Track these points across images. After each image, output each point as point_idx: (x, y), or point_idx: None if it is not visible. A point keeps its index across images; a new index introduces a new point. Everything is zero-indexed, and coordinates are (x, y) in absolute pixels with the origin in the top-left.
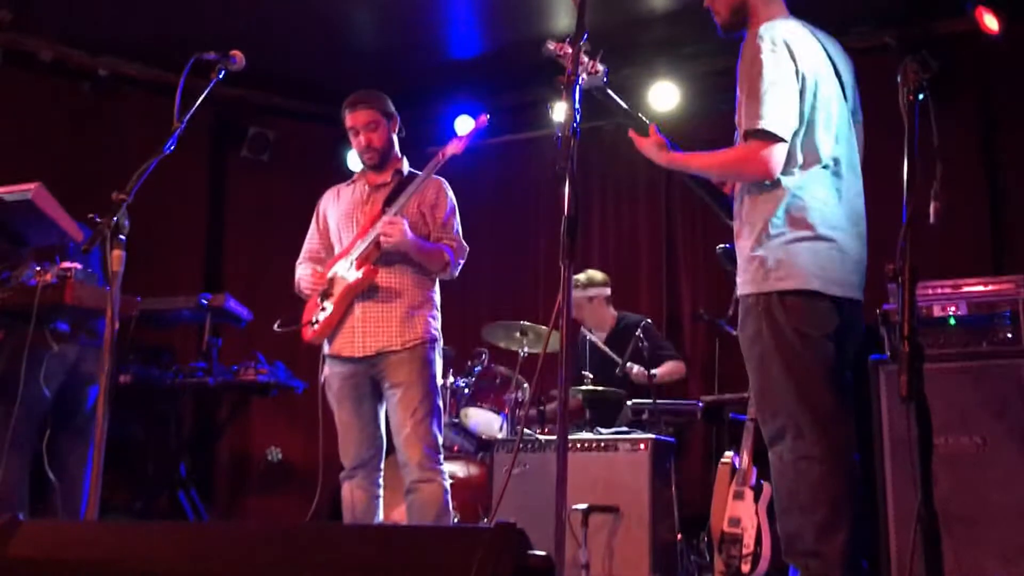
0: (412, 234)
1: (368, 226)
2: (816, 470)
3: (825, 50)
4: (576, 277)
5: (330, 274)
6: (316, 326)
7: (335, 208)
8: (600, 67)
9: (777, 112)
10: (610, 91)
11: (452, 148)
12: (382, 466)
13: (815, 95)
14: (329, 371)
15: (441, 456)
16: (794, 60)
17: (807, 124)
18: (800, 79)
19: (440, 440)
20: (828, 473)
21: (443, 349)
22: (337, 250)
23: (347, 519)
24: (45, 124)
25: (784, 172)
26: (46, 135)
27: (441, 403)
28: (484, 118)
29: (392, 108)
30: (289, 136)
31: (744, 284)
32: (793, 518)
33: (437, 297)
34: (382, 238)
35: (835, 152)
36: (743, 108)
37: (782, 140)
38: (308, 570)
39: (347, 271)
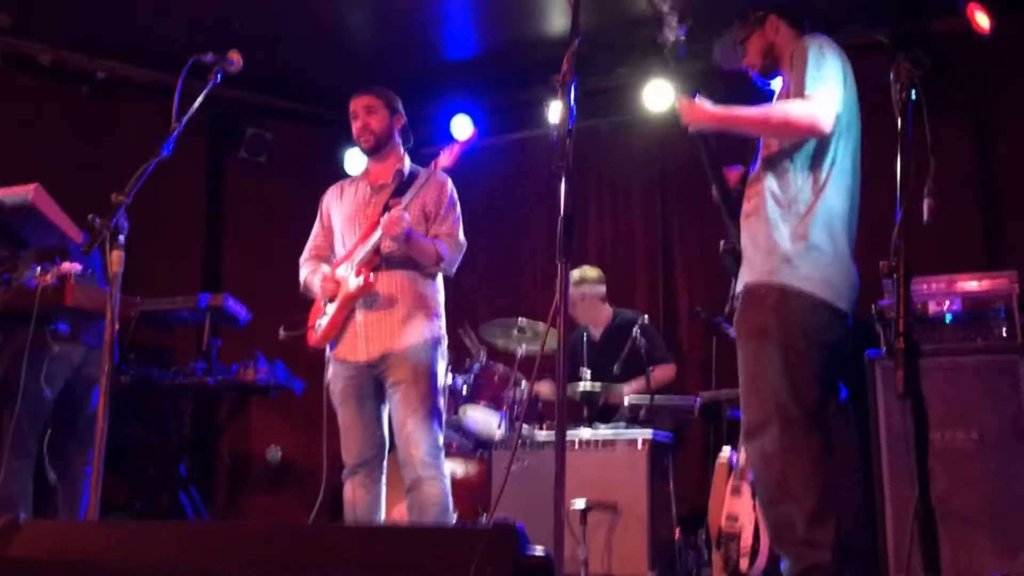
0: (408, 228)
1: (369, 231)
2: (805, 461)
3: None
4: (570, 273)
5: (338, 274)
6: (319, 331)
7: (338, 208)
8: (682, 36)
9: (833, 85)
10: (675, 63)
11: (444, 160)
12: (384, 465)
13: (851, 106)
14: (333, 372)
15: (442, 455)
16: (845, 70)
17: (840, 133)
18: (846, 83)
19: (441, 439)
20: (817, 464)
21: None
22: (340, 251)
23: (348, 518)
24: (44, 126)
25: (818, 174)
26: (45, 137)
27: (443, 403)
28: (473, 132)
29: (398, 105)
30: (287, 137)
31: (759, 273)
32: (783, 508)
33: (440, 297)
34: (384, 229)
35: (854, 168)
36: (804, 77)
37: (836, 105)
38: (307, 569)
39: (348, 278)
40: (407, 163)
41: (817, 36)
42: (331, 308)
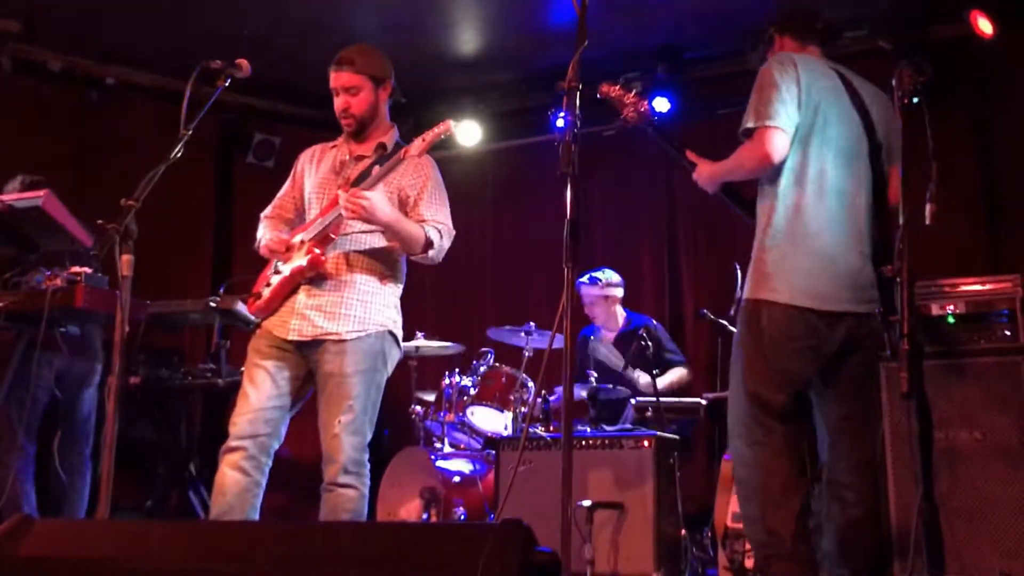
0: (389, 208)
1: (332, 204)
2: (763, 453)
3: (847, 84)
4: (595, 274)
5: (294, 241)
6: (260, 300)
7: (311, 172)
8: (647, 106)
9: (771, 108)
10: (658, 132)
11: (415, 149)
12: (269, 456)
13: (816, 112)
14: (255, 343)
15: (366, 458)
16: (797, 73)
17: (804, 137)
18: (803, 90)
19: (367, 442)
20: (775, 456)
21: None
22: (308, 219)
23: (219, 503)
24: (54, 132)
25: (781, 182)
26: (55, 143)
27: (379, 401)
28: (446, 126)
29: (385, 70)
30: (295, 142)
31: (746, 289)
32: (751, 503)
33: (397, 285)
34: (345, 213)
35: (833, 170)
36: (748, 108)
37: (778, 128)
38: (317, 567)
39: (299, 250)
40: (394, 136)
41: (776, 58)
42: (275, 280)
